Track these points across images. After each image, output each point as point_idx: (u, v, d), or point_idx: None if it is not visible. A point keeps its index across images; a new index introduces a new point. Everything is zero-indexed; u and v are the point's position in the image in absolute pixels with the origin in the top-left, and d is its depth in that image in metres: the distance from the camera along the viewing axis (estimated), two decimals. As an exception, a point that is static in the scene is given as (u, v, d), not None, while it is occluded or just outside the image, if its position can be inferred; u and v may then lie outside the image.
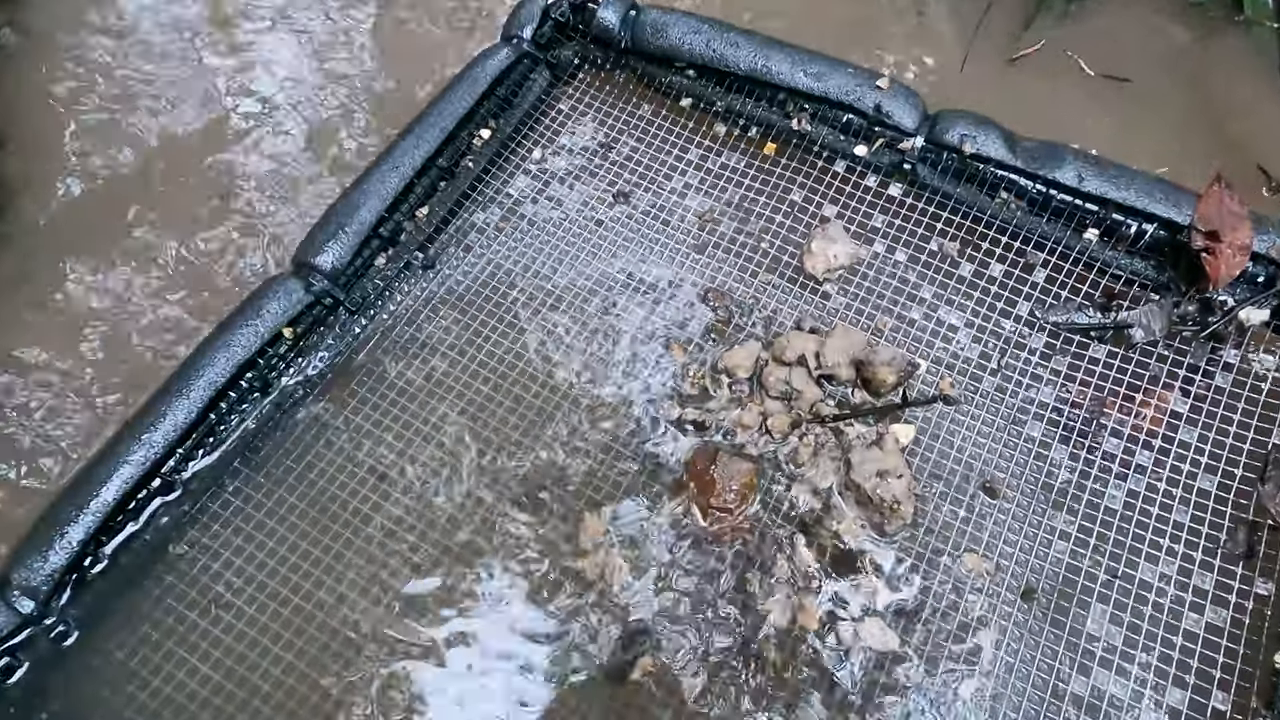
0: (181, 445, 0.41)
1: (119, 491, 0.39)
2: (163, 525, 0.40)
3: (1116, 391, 0.44)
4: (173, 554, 0.40)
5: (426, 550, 0.41)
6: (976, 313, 0.47)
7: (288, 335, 0.45)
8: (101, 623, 0.38)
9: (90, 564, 0.38)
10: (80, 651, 0.37)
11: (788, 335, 0.46)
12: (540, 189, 0.53)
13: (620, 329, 0.47)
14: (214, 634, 0.38)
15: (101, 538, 0.38)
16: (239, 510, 0.41)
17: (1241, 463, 0.41)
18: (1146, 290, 0.46)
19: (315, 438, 0.43)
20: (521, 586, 0.40)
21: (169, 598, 0.39)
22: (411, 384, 0.45)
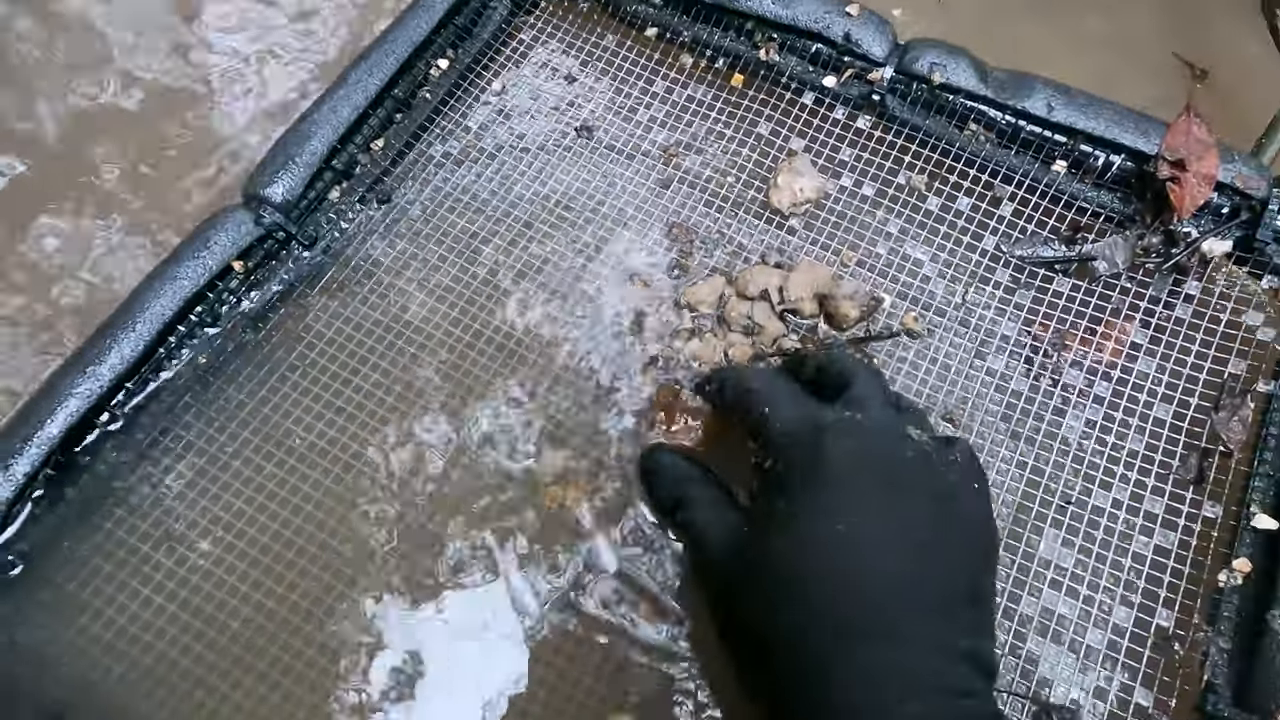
0: (130, 379, 0.40)
1: (65, 424, 0.38)
2: (112, 460, 0.39)
3: (1078, 325, 0.44)
4: (122, 488, 0.39)
5: (383, 484, 0.40)
6: (942, 247, 0.47)
7: (238, 269, 0.43)
8: (50, 556, 0.37)
9: (38, 498, 0.38)
10: (28, 584, 0.36)
11: (751, 270, 0.45)
12: (501, 121, 0.51)
13: (583, 265, 0.46)
14: (167, 565, 0.38)
15: (48, 471, 0.38)
16: (190, 445, 0.40)
17: (1197, 392, 0.41)
18: (1112, 223, 0.46)
19: (269, 372, 0.42)
20: (482, 519, 0.39)
21: (120, 530, 0.38)
22: (368, 319, 0.45)
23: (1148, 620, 0.36)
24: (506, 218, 0.48)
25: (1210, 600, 0.36)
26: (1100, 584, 0.37)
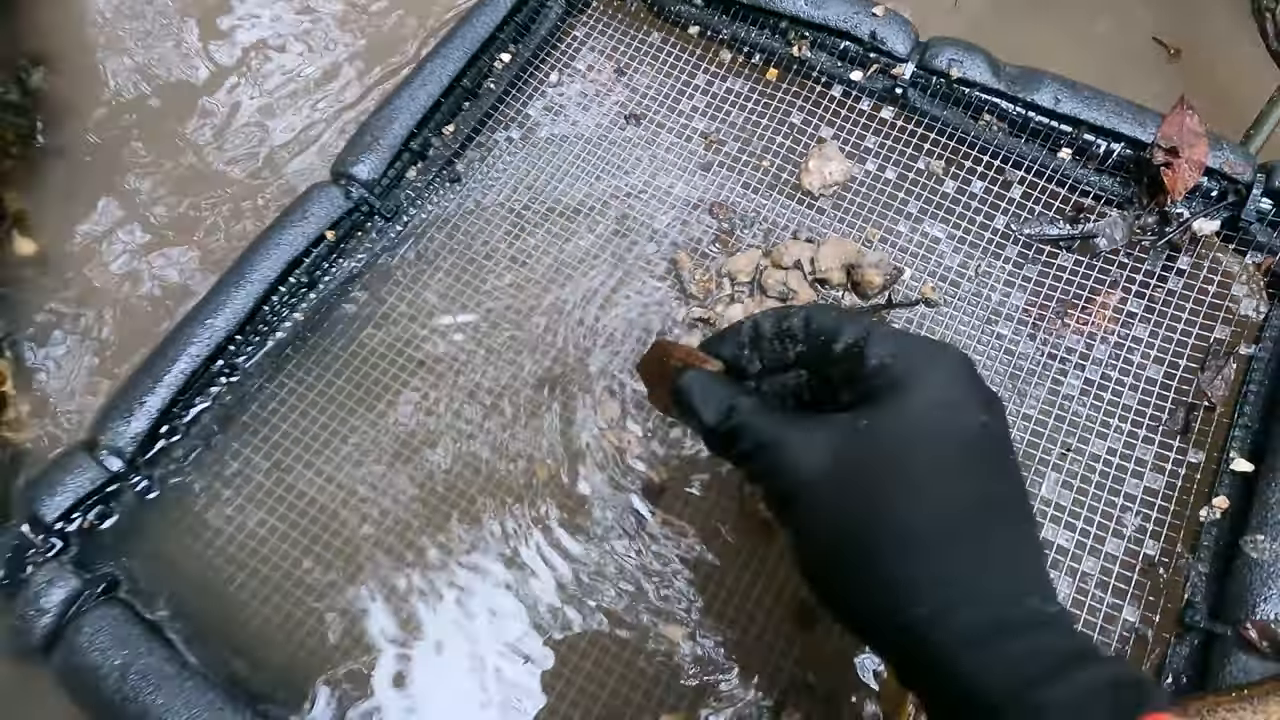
0: (240, 332, 0.45)
1: (187, 369, 0.43)
2: (228, 402, 0.45)
3: (1080, 295, 0.49)
4: (238, 425, 0.45)
5: (459, 428, 0.46)
6: (958, 225, 0.52)
7: (330, 238, 0.49)
8: (179, 480, 0.43)
9: (167, 431, 0.43)
10: (163, 505, 0.42)
11: (785, 243, 0.50)
12: (557, 110, 0.56)
13: (633, 239, 0.52)
14: (277, 492, 0.43)
15: (174, 409, 0.43)
16: (293, 390, 0.46)
17: (1186, 354, 0.46)
18: (1112, 205, 0.51)
19: (358, 329, 0.48)
20: (549, 453, 0.45)
21: (235, 462, 0.44)
22: (442, 284, 0.50)
23: (1136, 550, 0.41)
24: (564, 197, 0.53)
25: (1192, 532, 0.41)
26: (1095, 520, 0.42)
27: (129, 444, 0.42)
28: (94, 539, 0.41)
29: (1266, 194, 0.47)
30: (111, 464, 0.41)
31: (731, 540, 0.43)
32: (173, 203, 0.57)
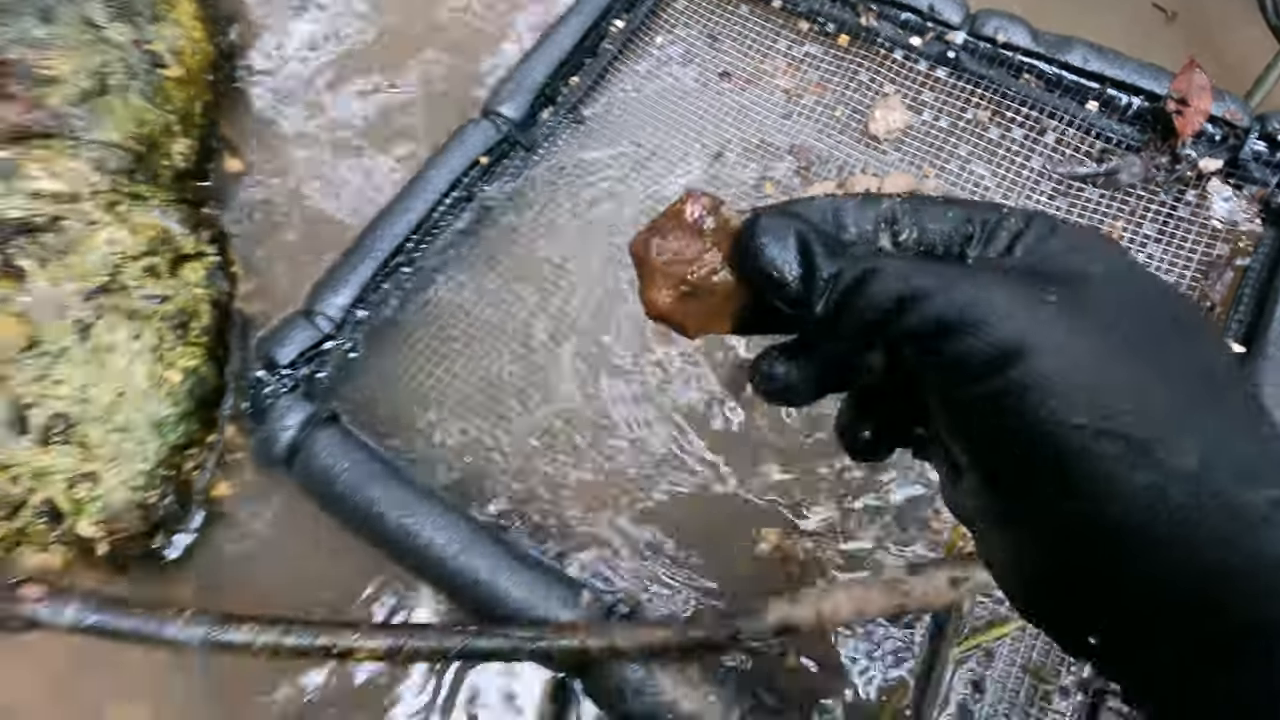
0: (416, 232, 0.57)
1: (378, 259, 0.55)
2: (408, 287, 0.56)
3: (1103, 223, 0.59)
4: (416, 304, 0.56)
5: (575, 319, 0.56)
6: (1000, 166, 0.61)
7: (483, 162, 0.60)
8: (379, 343, 0.54)
9: (363, 305, 0.55)
10: (365, 361, 0.53)
11: (855, 177, 0.61)
12: (661, 67, 0.67)
13: (727, 174, 0.62)
14: (445, 349, 0.54)
15: (368, 290, 0.54)
16: (455, 278, 0.57)
17: (1193, 267, 0.56)
18: (1131, 149, 0.60)
19: (506, 240, 0.59)
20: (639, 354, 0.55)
21: (417, 331, 0.55)
22: (573, 207, 0.61)
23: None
24: (668, 140, 0.64)
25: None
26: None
27: (336, 313, 0.53)
28: (315, 382, 0.52)
29: (1261, 138, 0.56)
30: (324, 326, 0.53)
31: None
32: (359, 124, 0.68)
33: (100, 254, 0.51)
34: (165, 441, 0.48)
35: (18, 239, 0.49)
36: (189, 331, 0.52)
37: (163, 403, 0.49)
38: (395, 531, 0.47)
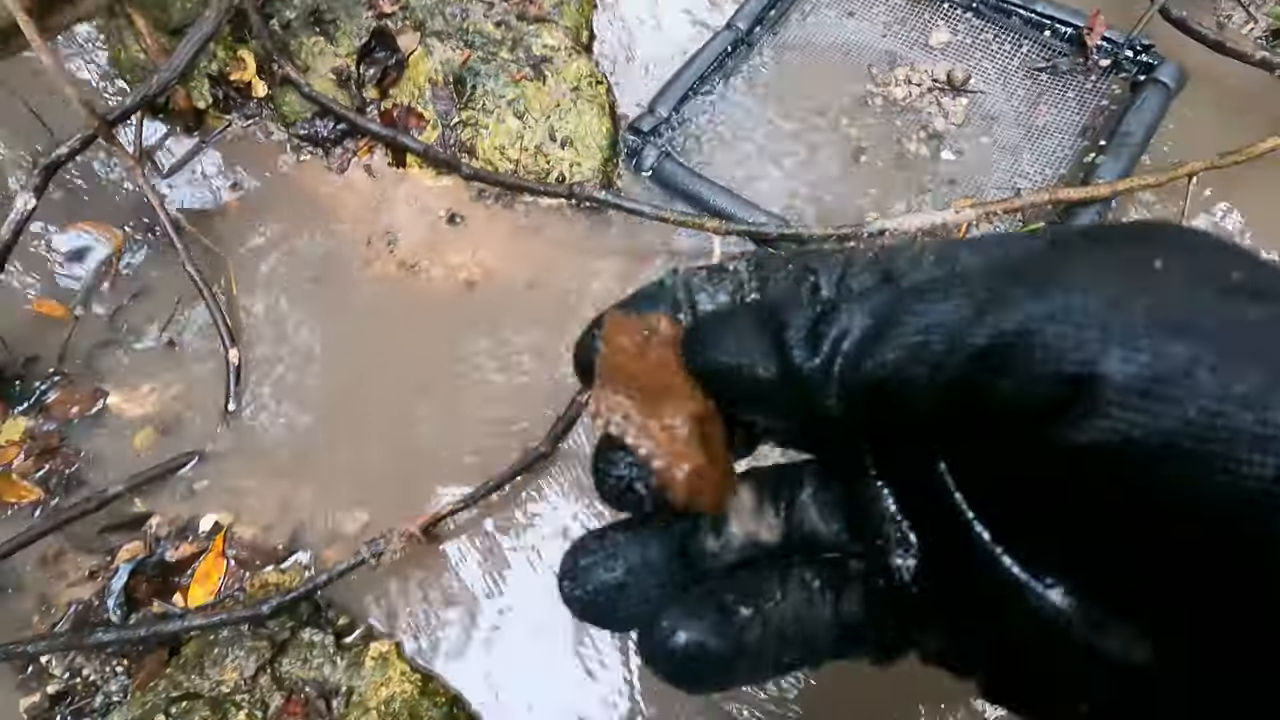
0: (699, 78, 1.16)
1: (685, 85, 1.14)
2: (733, 81, 1.16)
3: (1047, 91, 1.14)
4: (707, 111, 1.15)
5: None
6: (998, 64, 1.18)
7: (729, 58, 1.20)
8: (688, 131, 1.14)
9: (684, 107, 1.14)
10: (682, 135, 1.13)
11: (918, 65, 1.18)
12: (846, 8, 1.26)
13: (890, 75, 1.20)
14: (743, 136, 1.14)
15: (680, 103, 1.14)
16: (738, 102, 1.16)
17: (1087, 115, 1.12)
18: (1065, 55, 1.16)
19: (749, 99, 1.18)
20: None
21: (729, 108, 1.14)
22: (774, 91, 1.20)
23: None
24: (854, 38, 1.22)
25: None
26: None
27: (665, 110, 1.12)
28: (657, 139, 1.12)
29: (1128, 48, 1.11)
30: (660, 114, 1.12)
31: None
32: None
33: (567, 76, 1.11)
34: (604, 154, 1.09)
35: (538, 64, 1.10)
36: (603, 109, 1.12)
37: (606, 136, 1.10)
38: (710, 205, 1.06)
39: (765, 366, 0.17)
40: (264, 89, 1.14)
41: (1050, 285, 0.14)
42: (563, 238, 1.08)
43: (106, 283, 1.04)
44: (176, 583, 0.85)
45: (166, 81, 0.95)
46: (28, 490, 0.89)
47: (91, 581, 0.85)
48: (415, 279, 1.05)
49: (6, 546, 0.81)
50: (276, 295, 1.04)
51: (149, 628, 0.75)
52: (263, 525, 0.89)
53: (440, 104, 1.10)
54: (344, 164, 1.13)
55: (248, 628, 0.78)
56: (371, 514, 0.90)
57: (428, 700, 0.78)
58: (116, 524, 0.88)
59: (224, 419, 0.94)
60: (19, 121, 1.13)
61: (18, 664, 0.81)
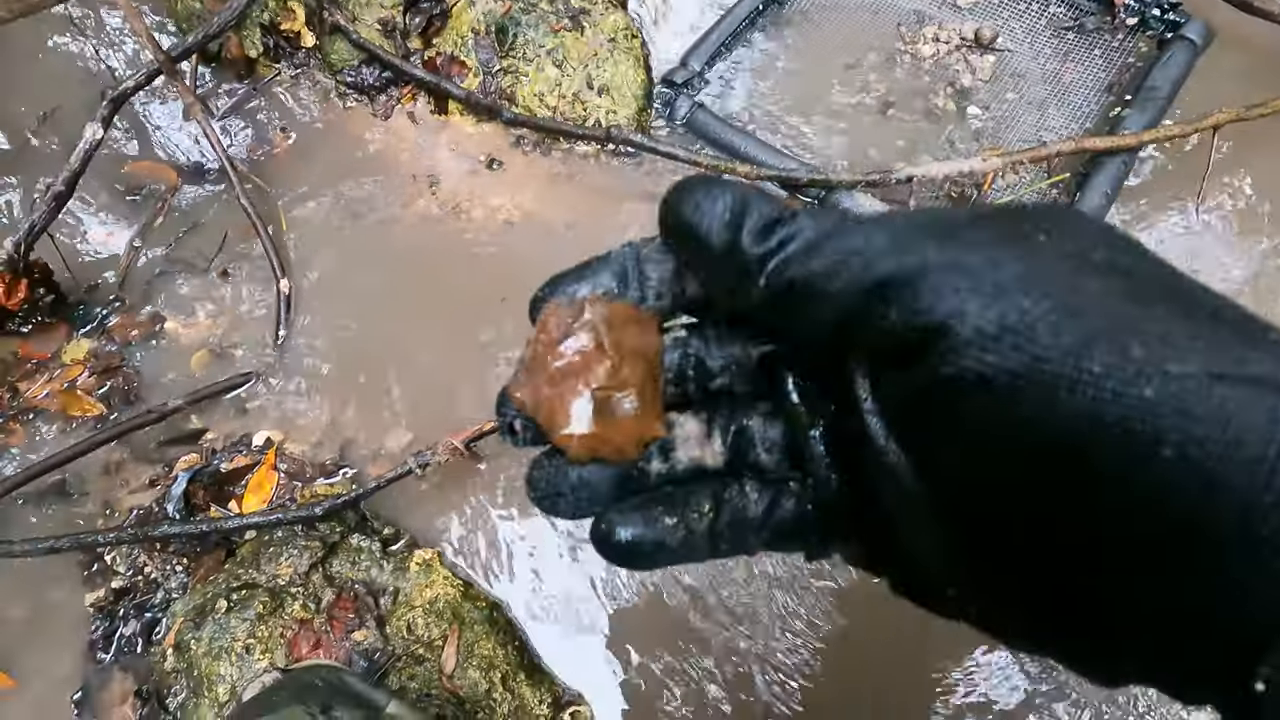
0: (733, 31, 1.19)
1: (720, 37, 1.18)
2: (764, 38, 1.19)
3: (1074, 49, 1.16)
4: (755, 46, 1.18)
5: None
6: (1026, 22, 1.20)
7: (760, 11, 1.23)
8: (722, 72, 1.17)
9: (720, 58, 1.17)
10: (715, 86, 1.16)
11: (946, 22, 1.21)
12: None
13: (919, 34, 1.22)
14: (773, 85, 1.17)
15: (716, 53, 1.17)
16: (774, 51, 1.20)
17: (1114, 71, 1.14)
18: (1093, 14, 1.18)
19: (778, 51, 1.21)
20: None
21: (760, 63, 1.18)
22: (806, 44, 1.22)
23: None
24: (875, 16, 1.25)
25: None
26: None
27: (698, 64, 1.16)
28: (692, 91, 1.15)
29: (1155, 6, 1.13)
30: (694, 68, 1.15)
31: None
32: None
33: (604, 28, 1.15)
34: (639, 104, 1.12)
35: (576, 16, 1.14)
36: (638, 61, 1.16)
37: (641, 87, 1.13)
38: (741, 152, 1.09)
39: (719, 235, 0.20)
40: (312, 38, 1.19)
41: (950, 241, 0.18)
42: (598, 184, 1.11)
43: (162, 218, 1.09)
44: (231, 491, 0.89)
45: (226, 21, 0.99)
46: (91, 405, 0.94)
47: (151, 489, 0.90)
48: (456, 219, 1.09)
49: (73, 450, 0.85)
50: (323, 232, 1.09)
51: (210, 524, 0.79)
52: (312, 442, 0.93)
53: (482, 53, 1.14)
54: (388, 111, 1.17)
55: (300, 529, 0.82)
56: (415, 434, 0.94)
57: (469, 603, 0.82)
58: (174, 438, 0.93)
59: (275, 344, 0.99)
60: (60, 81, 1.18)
61: (84, 560, 0.85)
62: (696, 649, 0.82)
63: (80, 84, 1.19)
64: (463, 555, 0.88)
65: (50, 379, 0.96)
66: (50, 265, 0.98)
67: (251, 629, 0.74)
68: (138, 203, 1.11)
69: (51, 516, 0.90)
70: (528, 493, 0.25)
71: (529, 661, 0.80)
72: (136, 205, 1.11)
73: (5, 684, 0.80)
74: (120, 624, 0.83)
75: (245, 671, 0.71)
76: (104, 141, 0.98)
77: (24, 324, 0.98)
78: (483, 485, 0.91)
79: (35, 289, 0.96)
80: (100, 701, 0.80)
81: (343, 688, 0.53)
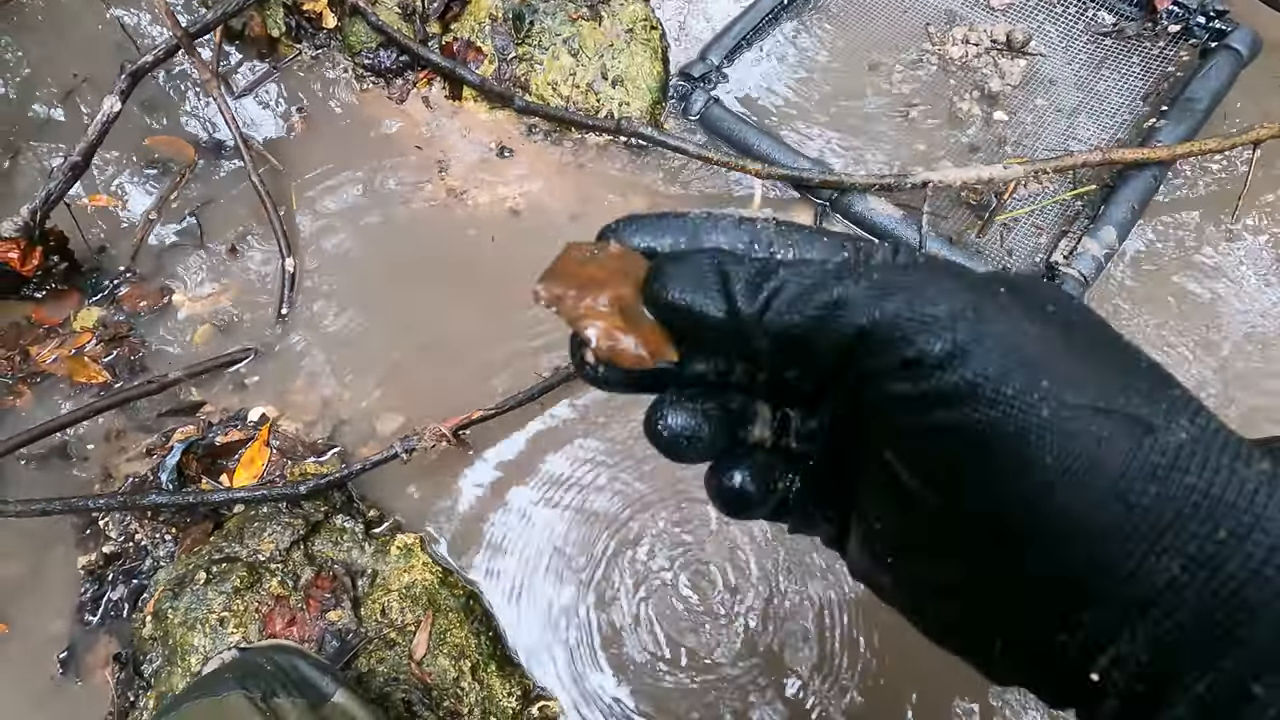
0: (761, 23, 1.17)
1: (741, 32, 1.15)
2: (786, 33, 1.16)
3: (1112, 55, 1.12)
4: (776, 53, 1.16)
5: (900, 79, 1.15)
6: (1062, 26, 1.15)
7: (785, 6, 1.20)
8: (741, 67, 1.14)
9: (732, 53, 1.15)
10: (732, 81, 1.14)
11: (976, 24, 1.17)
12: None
13: (948, 34, 1.19)
14: (798, 73, 1.14)
15: (740, 44, 1.15)
16: (804, 44, 1.17)
17: (1152, 80, 1.09)
18: (1133, 19, 1.13)
19: (805, 37, 1.18)
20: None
21: (781, 59, 1.15)
22: (836, 38, 1.19)
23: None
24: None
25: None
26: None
27: (717, 58, 1.13)
28: (708, 85, 1.13)
29: (1200, 13, 1.08)
30: (712, 61, 1.13)
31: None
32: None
33: (623, 18, 1.13)
34: (654, 96, 1.11)
35: (596, 5, 1.12)
36: (655, 53, 1.14)
37: (657, 79, 1.12)
38: (755, 150, 1.07)
39: (715, 310, 0.22)
40: (333, 20, 1.19)
41: (920, 295, 0.21)
42: (607, 176, 1.10)
43: (177, 192, 1.11)
44: (224, 465, 0.90)
45: (244, 0, 1.00)
46: (97, 373, 0.96)
47: (148, 458, 0.92)
48: (463, 204, 1.08)
49: (76, 414, 0.87)
50: (332, 212, 1.09)
51: (198, 496, 0.80)
52: (305, 420, 0.94)
53: (498, 39, 1.13)
54: (404, 94, 1.17)
55: (285, 506, 0.83)
56: (407, 418, 0.94)
57: (447, 590, 0.81)
58: (174, 409, 0.94)
59: (277, 322, 1.00)
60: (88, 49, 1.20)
61: (79, 524, 0.87)
62: (687, 663, 0.80)
63: (122, 51, 1.21)
64: (444, 542, 0.87)
65: (60, 344, 0.99)
66: (66, 233, 1.00)
67: (228, 602, 0.75)
68: (155, 176, 1.13)
69: (52, 479, 0.92)
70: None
71: (501, 653, 0.79)
72: (154, 178, 1.13)
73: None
74: (109, 588, 0.84)
75: (218, 644, 0.72)
76: (124, 114, 1.00)
77: (38, 289, 1.00)
78: (470, 474, 0.91)
79: (50, 256, 0.98)
80: (85, 663, 0.82)
81: (292, 673, 0.53)
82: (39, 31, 1.27)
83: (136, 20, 1.27)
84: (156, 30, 1.26)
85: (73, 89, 1.19)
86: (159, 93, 1.20)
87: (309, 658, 0.59)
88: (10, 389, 0.96)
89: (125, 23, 1.23)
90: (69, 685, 0.82)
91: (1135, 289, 1.01)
